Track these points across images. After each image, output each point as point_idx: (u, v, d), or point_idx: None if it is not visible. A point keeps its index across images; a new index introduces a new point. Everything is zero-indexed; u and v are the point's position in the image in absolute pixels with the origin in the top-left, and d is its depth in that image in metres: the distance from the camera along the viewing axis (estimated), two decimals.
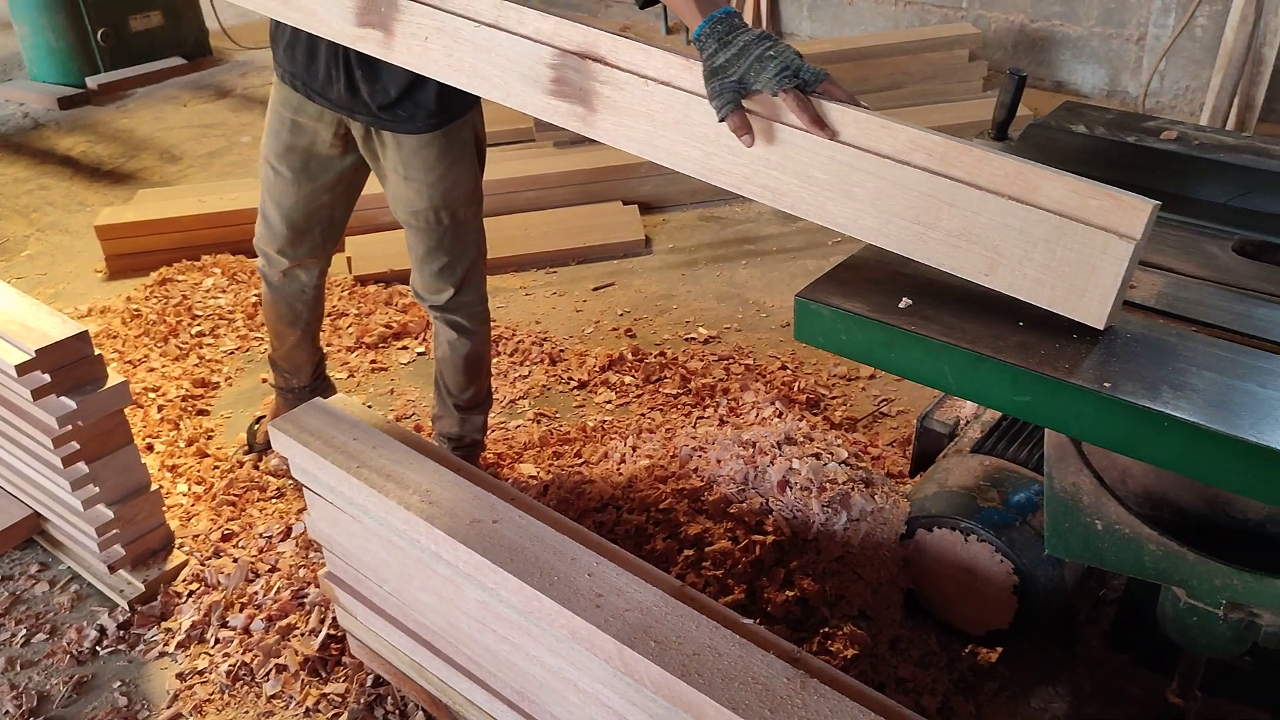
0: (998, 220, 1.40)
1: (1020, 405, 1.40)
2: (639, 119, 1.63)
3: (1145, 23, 5.09)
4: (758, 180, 1.56)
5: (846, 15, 6.04)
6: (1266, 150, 1.94)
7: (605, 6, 7.10)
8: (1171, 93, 5.14)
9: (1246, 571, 1.61)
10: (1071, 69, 5.45)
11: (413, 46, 1.86)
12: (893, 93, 5.08)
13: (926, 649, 2.13)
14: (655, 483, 2.26)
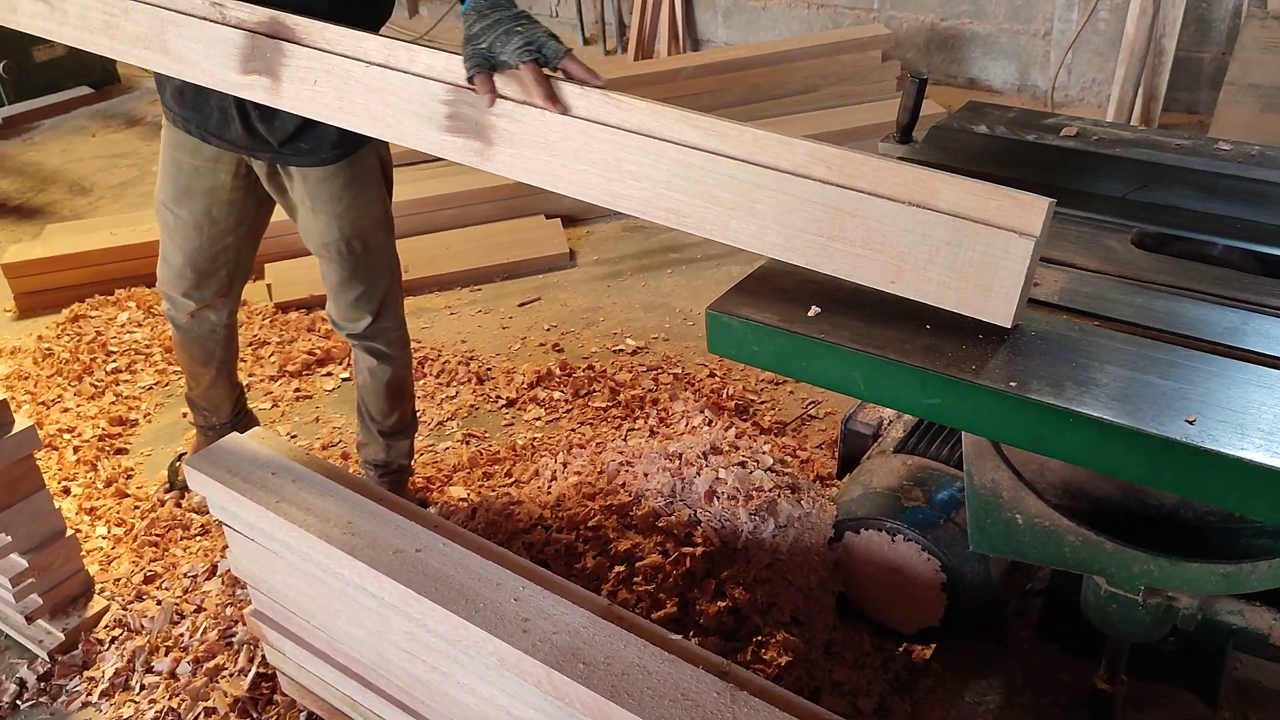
0: (900, 227, 1.41)
1: (930, 408, 1.41)
2: (537, 150, 1.63)
3: (1050, 18, 5.20)
4: (661, 204, 1.56)
5: (761, 20, 6.09)
6: (1161, 143, 1.98)
7: None
8: (1079, 85, 5.25)
9: (1162, 557, 1.64)
10: (983, 65, 5.54)
11: (301, 92, 1.84)
12: (808, 95, 5.13)
13: (860, 651, 2.14)
14: (583, 500, 2.25)
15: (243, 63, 1.88)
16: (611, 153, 1.57)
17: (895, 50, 5.50)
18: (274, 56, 1.85)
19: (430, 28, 7.00)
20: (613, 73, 5.17)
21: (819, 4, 5.86)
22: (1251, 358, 1.40)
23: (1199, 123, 4.86)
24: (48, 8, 2.09)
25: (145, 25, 1.98)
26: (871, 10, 5.70)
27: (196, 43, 1.92)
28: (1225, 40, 4.75)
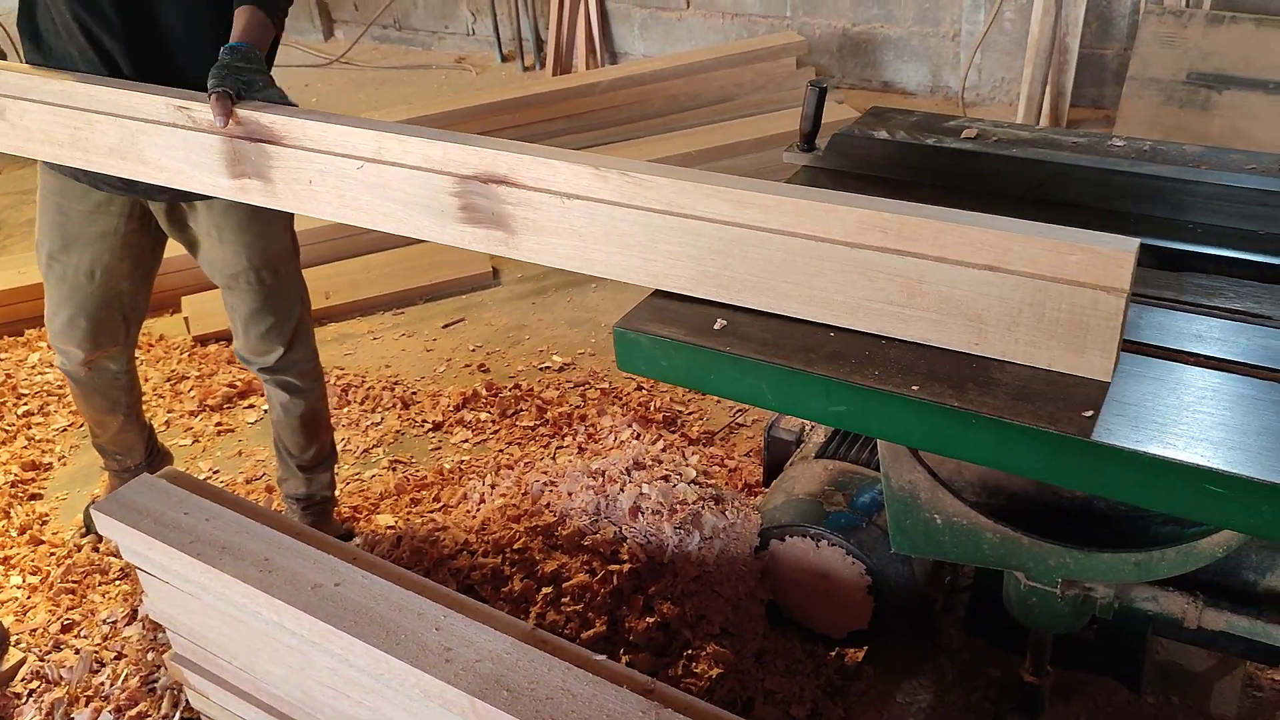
0: (975, 291, 1.34)
1: (836, 415, 1.42)
2: (565, 236, 1.56)
3: (958, 20, 5.29)
4: (710, 282, 1.51)
5: (677, 32, 6.12)
6: (1058, 142, 2.02)
7: (439, 39, 7.04)
8: (989, 85, 5.35)
9: (1076, 549, 1.66)
10: (896, 68, 5.62)
11: (299, 192, 1.77)
12: (726, 104, 5.16)
13: (792, 658, 2.15)
14: (509, 523, 2.23)
15: (229, 167, 1.81)
16: (644, 234, 1.51)
17: (809, 57, 5.57)
18: (259, 159, 1.78)
19: (346, 50, 6.94)
20: (533, 88, 5.17)
21: (733, 14, 5.91)
22: (1146, 350, 1.43)
23: (1106, 117, 4.98)
24: (6, 125, 2.02)
25: (114, 136, 1.91)
26: (784, 18, 5.75)
27: (174, 150, 1.86)
28: (1126, 36, 4.86)
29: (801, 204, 1.40)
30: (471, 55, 6.85)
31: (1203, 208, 1.74)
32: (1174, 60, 4.49)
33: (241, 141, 1.78)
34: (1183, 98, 4.49)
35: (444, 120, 4.93)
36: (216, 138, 1.80)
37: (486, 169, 1.57)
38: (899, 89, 5.65)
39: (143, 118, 1.86)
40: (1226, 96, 4.41)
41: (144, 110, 1.86)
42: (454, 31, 6.97)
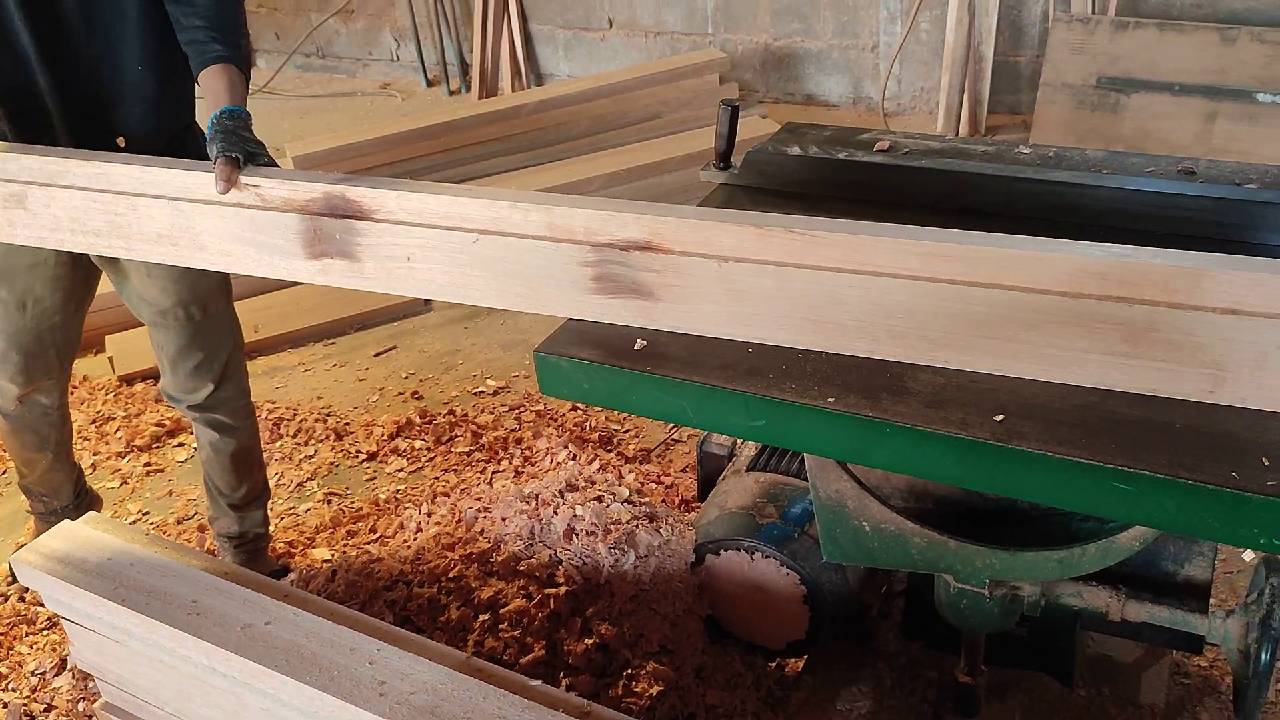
0: (1215, 336, 1.26)
1: (757, 430, 1.44)
2: (721, 301, 1.46)
3: (876, 32, 5.38)
4: (899, 342, 1.41)
5: (601, 52, 6.15)
6: (967, 151, 2.06)
7: (363, 66, 7.00)
8: (909, 95, 5.45)
9: (1001, 550, 1.70)
10: (818, 81, 5.70)
11: (394, 271, 1.63)
12: (652, 123, 5.19)
13: (732, 672, 2.16)
14: (443, 551, 2.22)
15: (308, 247, 1.67)
16: (823, 295, 1.41)
17: (732, 72, 5.62)
18: (346, 237, 1.64)
19: (269, 80, 6.88)
20: (458, 113, 5.16)
21: (655, 32, 5.95)
22: None
23: (1023, 122, 5.08)
24: (26, 214, 1.85)
25: (164, 221, 1.76)
26: (706, 35, 5.81)
27: (240, 233, 1.72)
28: (1038, 44, 4.98)
29: (998, 252, 1.31)
30: (397, 81, 6.82)
31: (1106, 211, 1.79)
32: (1084, 65, 4.61)
33: (324, 219, 1.64)
34: (1094, 101, 4.61)
35: (371, 147, 4.91)
36: (294, 216, 1.65)
37: (625, 235, 1.47)
38: (822, 101, 5.73)
39: (199, 198, 1.71)
40: (1135, 99, 4.53)
41: (201, 190, 1.70)
42: (378, 58, 6.94)
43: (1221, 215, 1.73)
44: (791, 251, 1.40)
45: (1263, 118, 4.29)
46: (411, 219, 1.58)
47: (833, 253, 1.38)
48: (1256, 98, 4.30)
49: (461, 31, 6.47)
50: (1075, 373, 1.35)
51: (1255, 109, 4.31)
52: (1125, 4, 4.67)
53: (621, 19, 6.03)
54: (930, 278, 1.35)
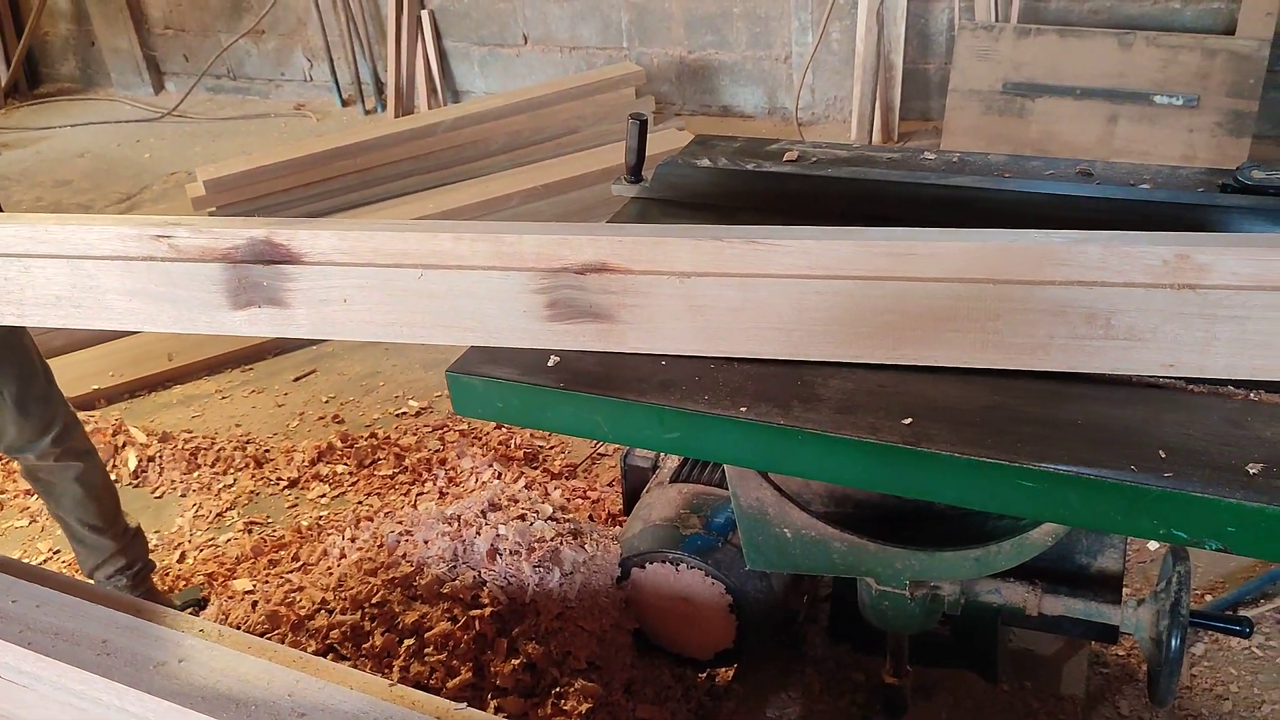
0: (1172, 311, 1.29)
1: (671, 442, 1.44)
2: (684, 317, 1.43)
3: (789, 42, 5.45)
4: (867, 342, 1.40)
5: (516, 67, 6.14)
6: (873, 159, 2.10)
7: (276, 87, 6.90)
8: (823, 104, 5.52)
9: (919, 551, 1.72)
10: (733, 93, 5.75)
11: (330, 315, 1.54)
12: (570, 137, 5.20)
13: (661, 685, 2.15)
14: (366, 577, 2.19)
15: (233, 297, 1.56)
16: (785, 299, 1.39)
17: (649, 86, 5.65)
18: (275, 283, 1.53)
19: (178, 103, 6.75)
20: (373, 132, 5.11)
21: (570, 47, 5.96)
22: None
23: (935, 128, 5.18)
24: None
25: (63, 283, 1.62)
26: (621, 49, 5.83)
27: (154, 289, 1.59)
28: (945, 51, 5.08)
29: (968, 247, 1.31)
30: (311, 101, 6.74)
31: (1007, 213, 1.82)
32: (989, 72, 4.71)
33: (249, 266, 1.53)
34: (1001, 106, 4.72)
35: (285, 169, 4.84)
36: (215, 266, 1.54)
37: (579, 259, 1.42)
38: (738, 112, 5.78)
39: (104, 254, 1.58)
40: (1040, 104, 4.65)
41: (105, 245, 1.57)
42: (291, 78, 6.85)
43: (1117, 215, 1.77)
44: (752, 262, 1.38)
45: (1160, 119, 4.43)
46: (347, 259, 1.50)
47: (795, 260, 1.38)
48: (1154, 100, 4.43)
49: (376, 50, 6.42)
50: (1042, 359, 1.36)
51: (1153, 110, 4.45)
52: (1027, 12, 4.80)
53: (536, 34, 6.03)
54: (894, 276, 1.35)
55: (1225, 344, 1.30)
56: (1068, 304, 1.32)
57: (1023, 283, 1.32)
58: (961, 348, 1.39)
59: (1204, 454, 1.24)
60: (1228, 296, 1.27)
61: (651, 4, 5.65)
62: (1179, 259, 1.27)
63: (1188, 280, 1.27)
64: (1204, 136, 4.40)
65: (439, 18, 6.18)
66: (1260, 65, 4.26)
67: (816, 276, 1.38)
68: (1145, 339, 1.32)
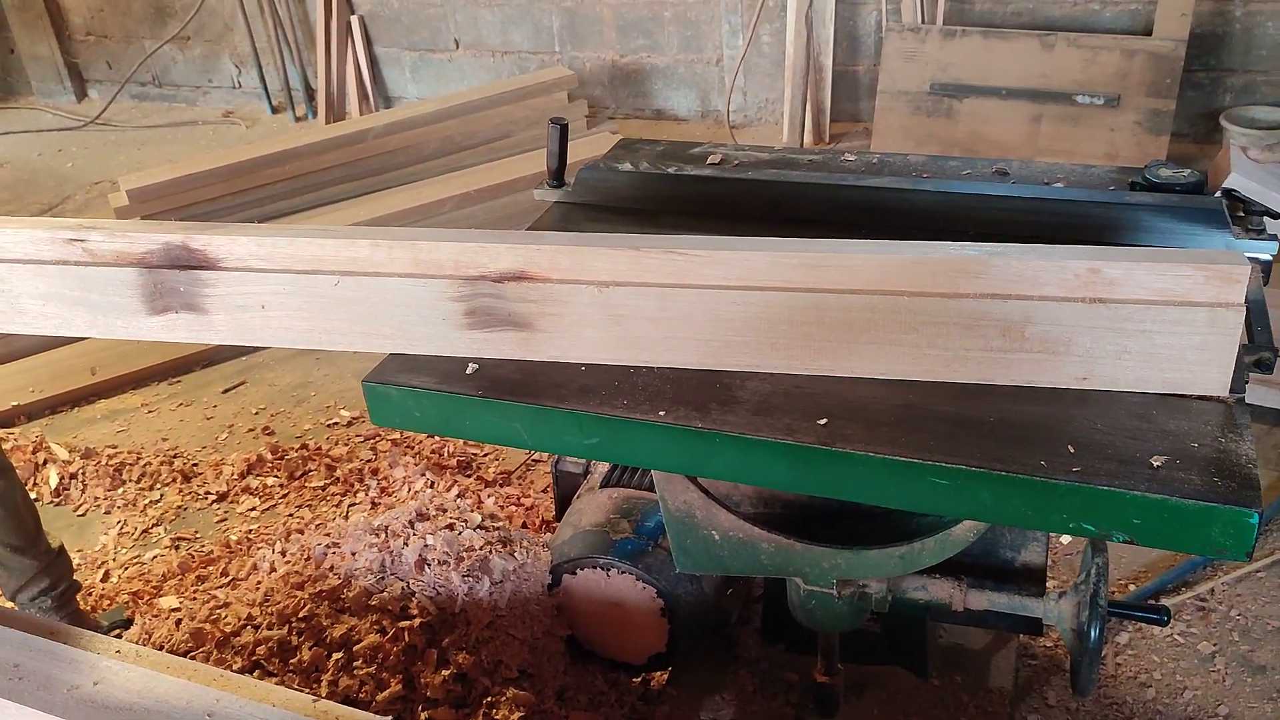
0: (1084, 324, 1.30)
1: (591, 448, 1.43)
2: (602, 327, 1.43)
3: (720, 45, 5.48)
4: (783, 352, 1.41)
5: (448, 72, 6.11)
6: (795, 161, 2.11)
7: (204, 94, 6.79)
8: (756, 106, 5.56)
9: (845, 549, 1.73)
10: (666, 96, 5.77)
11: (247, 322, 1.53)
12: (503, 142, 5.18)
13: (595, 691, 2.15)
14: (292, 591, 2.15)
15: (149, 302, 1.55)
16: (703, 309, 1.39)
17: (581, 90, 5.65)
18: (191, 289, 1.52)
19: (101, 110, 6.61)
20: (303, 139, 5.04)
21: (503, 51, 5.94)
22: None
23: (865, 129, 5.24)
24: None
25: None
26: (554, 53, 5.82)
27: (68, 293, 1.57)
28: (874, 53, 5.14)
29: (884, 260, 1.32)
30: (240, 108, 6.63)
31: (924, 214, 1.84)
32: (917, 73, 4.77)
33: (165, 271, 1.51)
34: (929, 107, 4.78)
35: (211, 178, 4.76)
36: (130, 270, 1.52)
37: (497, 267, 1.42)
38: (671, 116, 5.80)
39: (16, 258, 1.55)
40: (966, 104, 4.72)
41: (17, 248, 1.55)
42: (218, 85, 6.74)
43: (1032, 213, 1.80)
44: (670, 272, 1.38)
45: (1083, 118, 4.52)
46: (264, 265, 1.49)
47: (713, 270, 1.37)
48: (1076, 99, 4.52)
49: (305, 56, 6.34)
50: (957, 370, 1.37)
51: (1075, 110, 4.53)
52: (952, 13, 4.87)
53: (468, 39, 5.99)
54: (811, 288, 1.36)
55: (1136, 357, 1.31)
56: (983, 316, 1.33)
57: (938, 295, 1.33)
58: (879, 359, 1.40)
59: (1110, 448, 1.26)
60: (1137, 311, 1.28)
61: (583, 8, 5.65)
62: (1090, 273, 1.28)
63: (1099, 294, 1.28)
64: (1125, 135, 4.49)
65: (369, 23, 6.12)
66: (1177, 65, 4.36)
67: (734, 287, 1.38)
68: (1059, 352, 1.33)
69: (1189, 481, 1.19)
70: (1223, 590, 2.49)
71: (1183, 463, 1.22)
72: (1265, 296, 1.59)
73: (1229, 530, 1.16)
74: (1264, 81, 4.67)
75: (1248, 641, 2.36)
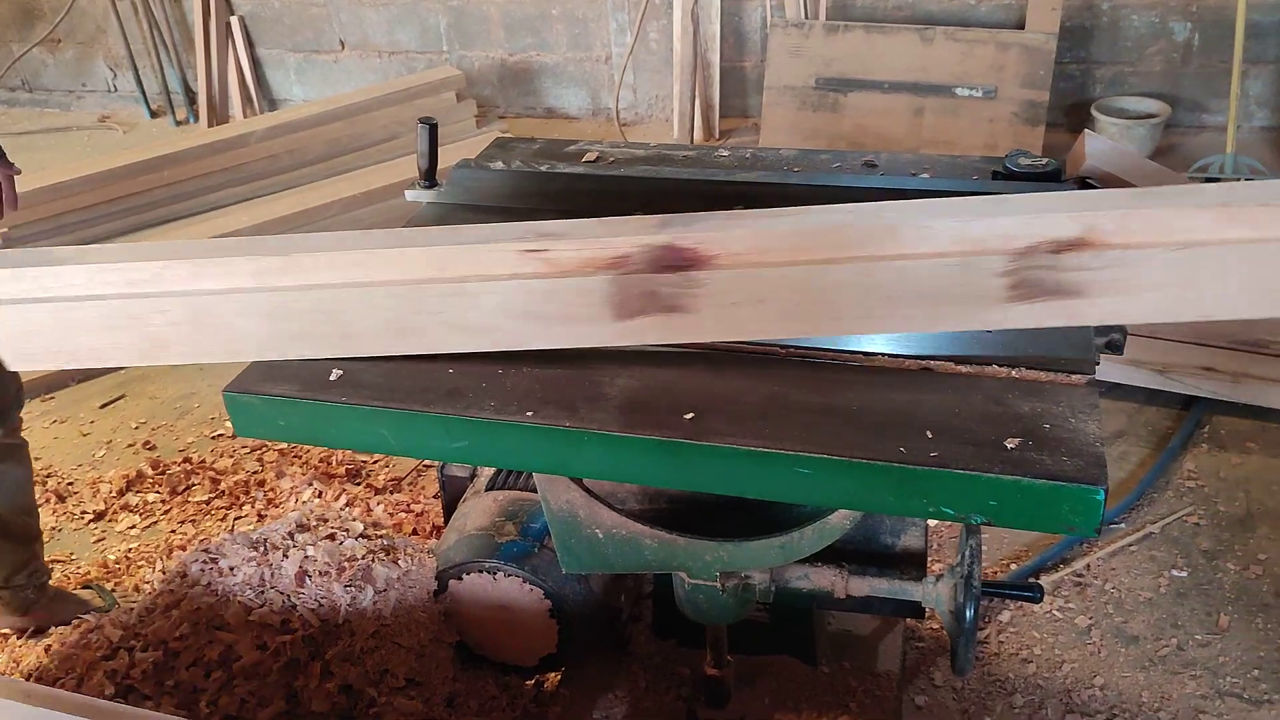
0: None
1: (460, 451, 1.41)
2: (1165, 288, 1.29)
3: (608, 43, 5.47)
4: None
5: (334, 74, 5.99)
6: (670, 157, 2.11)
7: (78, 98, 6.55)
8: (646, 103, 5.57)
9: (727, 542, 1.73)
10: (557, 95, 5.74)
11: (734, 313, 1.37)
12: (391, 143, 5.10)
13: (486, 696, 2.12)
14: (168, 610, 2.08)
15: (618, 308, 1.38)
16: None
17: (471, 89, 5.59)
18: (682, 289, 1.36)
19: None
20: (183, 143, 4.89)
21: (389, 52, 5.85)
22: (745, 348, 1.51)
23: (754, 125, 5.29)
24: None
25: (393, 311, 1.42)
26: (442, 53, 5.75)
27: (510, 307, 1.39)
28: (760, 49, 5.19)
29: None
30: (117, 113, 6.41)
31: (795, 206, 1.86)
32: (802, 68, 4.83)
33: (654, 276, 1.36)
34: (815, 102, 4.85)
35: (85, 185, 4.58)
36: (601, 279, 1.36)
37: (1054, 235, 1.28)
38: (563, 114, 5.78)
39: (482, 274, 1.39)
40: (851, 98, 4.79)
41: (487, 265, 1.38)
42: (93, 89, 6.51)
43: None
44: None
45: (962, 110, 4.63)
46: (785, 259, 1.36)
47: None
48: (955, 92, 4.63)
49: (184, 58, 6.16)
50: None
51: (955, 102, 4.64)
52: (835, 9, 4.94)
53: (354, 40, 5.89)
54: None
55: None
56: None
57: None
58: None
59: (967, 432, 1.28)
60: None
61: (470, 7, 5.59)
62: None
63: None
64: (1003, 126, 4.62)
65: (250, 24, 5.97)
66: (1049, 57, 4.49)
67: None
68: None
69: (1040, 462, 1.22)
70: (1098, 565, 2.57)
71: (1035, 444, 1.25)
72: None
73: (1078, 508, 1.20)
74: (1131, 73, 4.84)
75: (1121, 613, 2.44)
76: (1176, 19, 4.69)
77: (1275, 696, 2.23)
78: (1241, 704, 2.23)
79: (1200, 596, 2.48)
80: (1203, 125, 4.87)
